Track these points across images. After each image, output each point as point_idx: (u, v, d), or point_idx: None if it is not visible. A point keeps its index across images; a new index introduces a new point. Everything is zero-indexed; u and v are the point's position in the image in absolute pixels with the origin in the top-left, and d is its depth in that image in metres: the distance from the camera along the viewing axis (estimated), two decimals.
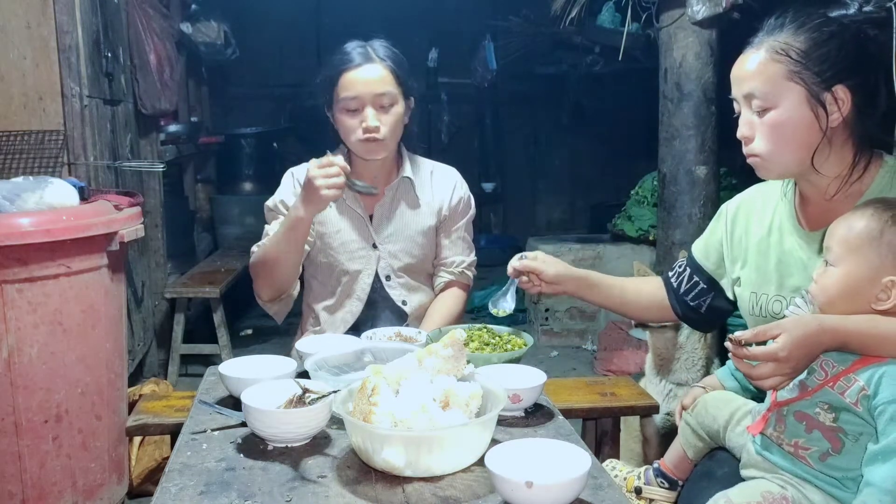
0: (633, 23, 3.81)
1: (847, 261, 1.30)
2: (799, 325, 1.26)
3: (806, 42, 1.38)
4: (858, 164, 1.43)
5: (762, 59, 1.40)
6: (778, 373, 1.26)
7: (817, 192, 1.48)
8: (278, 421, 1.34)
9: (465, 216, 2.17)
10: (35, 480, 2.21)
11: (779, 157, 1.42)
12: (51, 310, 2.18)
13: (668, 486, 1.69)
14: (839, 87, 1.37)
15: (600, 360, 4.17)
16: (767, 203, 1.61)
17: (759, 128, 1.42)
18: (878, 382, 1.23)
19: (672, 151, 3.46)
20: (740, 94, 1.45)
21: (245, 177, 6.15)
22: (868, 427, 1.26)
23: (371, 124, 1.94)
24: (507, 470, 1.13)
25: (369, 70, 1.95)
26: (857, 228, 1.30)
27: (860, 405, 1.26)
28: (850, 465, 1.29)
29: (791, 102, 1.38)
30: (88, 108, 3.01)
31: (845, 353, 1.29)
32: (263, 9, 6.43)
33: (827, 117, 1.38)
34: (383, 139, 1.97)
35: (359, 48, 1.99)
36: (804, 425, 1.33)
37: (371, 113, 1.95)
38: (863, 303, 1.29)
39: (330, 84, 1.98)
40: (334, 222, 2.08)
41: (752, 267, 1.59)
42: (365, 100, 1.95)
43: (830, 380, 1.29)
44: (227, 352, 4.01)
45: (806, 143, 1.40)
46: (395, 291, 2.10)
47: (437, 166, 2.18)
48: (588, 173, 7.39)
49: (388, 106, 1.97)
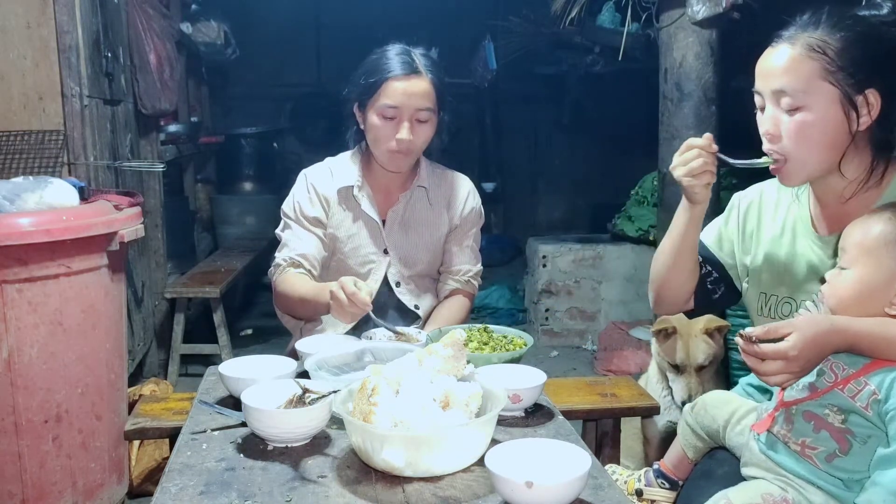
0: (633, 23, 3.82)
1: (862, 264, 1.29)
2: (811, 324, 1.26)
3: (842, 41, 1.34)
4: (877, 168, 1.42)
5: (796, 55, 1.36)
6: (786, 371, 1.26)
7: (833, 196, 1.46)
8: (278, 421, 1.34)
9: (475, 226, 2.17)
10: (35, 480, 2.21)
11: (806, 158, 1.39)
12: (51, 310, 2.18)
13: (669, 486, 1.69)
14: (871, 91, 1.35)
15: (600, 360, 4.17)
16: (781, 202, 1.59)
17: (786, 126, 1.38)
18: (890, 387, 1.23)
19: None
20: (768, 90, 1.39)
21: (245, 177, 6.15)
22: (877, 430, 1.25)
23: (405, 137, 1.93)
24: (507, 470, 1.13)
25: (415, 84, 1.93)
26: (873, 232, 1.29)
27: (871, 409, 1.25)
28: (856, 467, 1.28)
29: (823, 103, 1.35)
30: (88, 108, 3.01)
31: (855, 356, 1.28)
32: (263, 9, 6.43)
33: (858, 120, 1.36)
34: (412, 152, 1.97)
35: (405, 56, 1.96)
36: (812, 425, 1.33)
37: (407, 127, 1.93)
38: (876, 307, 1.28)
39: (371, 88, 1.95)
40: (347, 227, 2.07)
41: (763, 267, 1.57)
42: (404, 112, 1.93)
43: (840, 382, 1.28)
44: (227, 352, 4.01)
45: (834, 145, 1.38)
46: (405, 297, 2.10)
47: (452, 175, 2.18)
48: (588, 173, 7.39)
49: (424, 121, 1.96)
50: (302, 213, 2.06)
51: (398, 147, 1.94)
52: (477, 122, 7.40)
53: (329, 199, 2.07)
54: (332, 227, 2.07)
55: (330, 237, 2.07)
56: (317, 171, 2.11)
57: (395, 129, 1.93)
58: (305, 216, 2.06)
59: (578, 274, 4.67)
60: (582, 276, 4.67)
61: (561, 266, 4.67)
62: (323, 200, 2.06)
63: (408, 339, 1.78)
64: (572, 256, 4.66)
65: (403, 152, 1.95)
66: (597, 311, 4.69)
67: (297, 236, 2.06)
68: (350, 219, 2.07)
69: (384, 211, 2.08)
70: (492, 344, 1.74)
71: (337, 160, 2.13)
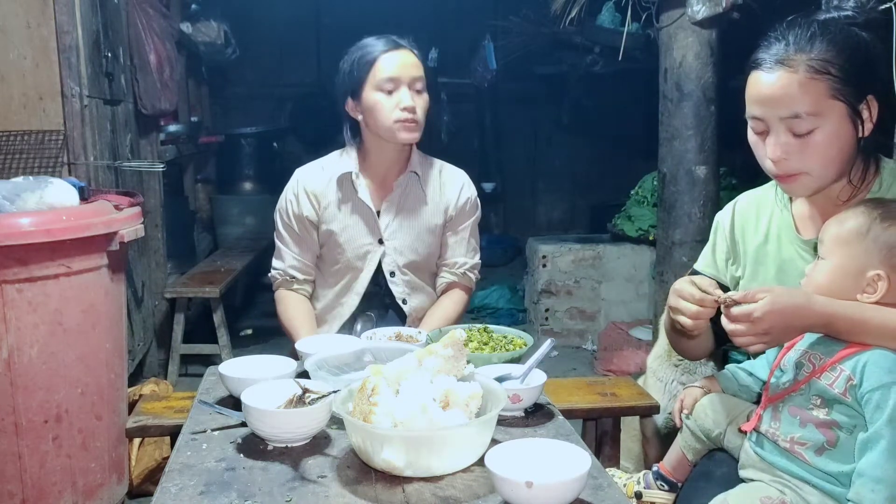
0: (633, 23, 3.81)
1: (836, 254, 1.35)
2: (786, 293, 1.30)
3: (841, 56, 1.35)
4: (870, 168, 1.44)
5: (801, 79, 1.34)
6: (750, 332, 1.29)
7: (828, 200, 1.47)
8: (278, 421, 1.35)
9: (470, 217, 2.17)
10: (35, 480, 2.21)
11: (824, 173, 1.40)
12: (51, 310, 2.18)
13: (668, 488, 1.69)
14: (870, 97, 1.37)
15: (600, 360, 4.17)
16: (762, 211, 1.60)
17: (798, 148, 1.37)
18: (863, 371, 1.27)
19: (672, 151, 3.45)
20: (774, 117, 1.37)
21: (245, 177, 6.15)
22: (861, 419, 1.28)
23: (409, 104, 1.97)
24: (507, 470, 1.13)
25: (405, 55, 2.01)
26: (847, 225, 1.35)
27: (849, 395, 1.28)
28: (845, 460, 1.30)
29: (834, 120, 1.36)
30: (88, 108, 3.01)
31: (831, 345, 1.32)
32: (263, 9, 6.43)
33: (863, 127, 1.38)
34: (418, 121, 2.01)
35: (387, 37, 2.03)
36: (798, 420, 1.35)
37: (408, 94, 1.98)
38: (849, 294, 1.33)
39: (364, 69, 2.00)
40: (342, 219, 2.09)
41: (750, 276, 1.59)
42: (402, 80, 1.98)
43: (818, 371, 1.32)
44: (227, 352, 4.01)
45: (847, 156, 1.40)
46: (398, 288, 2.11)
47: (445, 166, 2.19)
48: (588, 173, 7.38)
49: (421, 91, 2.01)
50: (293, 213, 2.10)
51: (404, 115, 1.98)
52: (477, 122, 7.40)
53: (320, 196, 2.09)
54: (325, 223, 2.09)
55: (324, 233, 2.09)
56: (308, 169, 2.15)
57: (398, 100, 1.98)
58: (296, 216, 2.10)
59: (578, 274, 4.67)
60: (582, 276, 4.67)
61: (561, 266, 4.67)
62: (313, 198, 2.09)
63: (408, 339, 1.78)
64: (572, 256, 4.66)
65: (411, 120, 1.99)
66: (597, 311, 4.69)
67: (289, 246, 2.12)
68: (345, 209, 2.09)
69: (379, 201, 2.10)
70: (492, 344, 1.74)
71: (329, 157, 2.16)
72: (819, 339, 1.36)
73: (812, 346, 1.36)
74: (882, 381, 1.24)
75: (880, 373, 1.25)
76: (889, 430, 1.23)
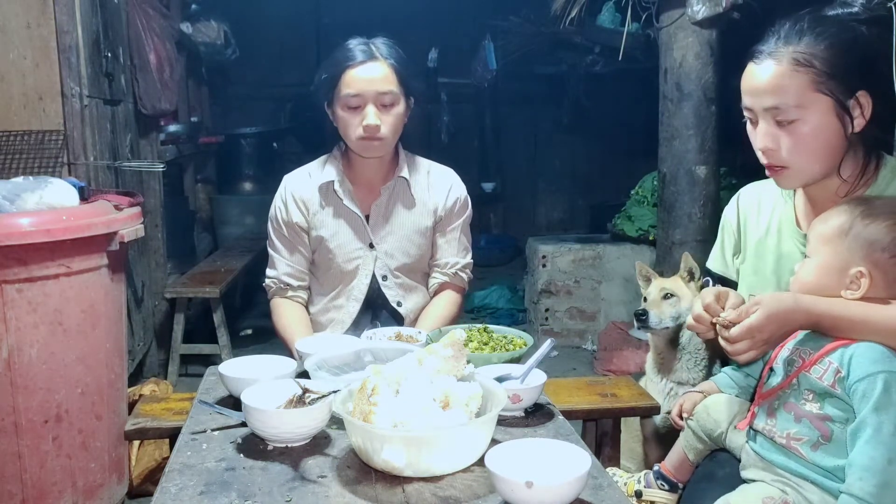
0: (633, 23, 3.81)
1: (821, 252, 1.37)
2: (775, 300, 1.32)
3: (828, 51, 1.35)
4: (869, 165, 1.45)
5: (784, 70, 1.37)
6: (753, 347, 1.31)
7: (826, 195, 1.47)
8: (278, 421, 1.34)
9: (460, 217, 2.16)
10: (35, 480, 2.21)
11: (808, 166, 1.41)
12: (51, 310, 2.18)
13: (669, 488, 1.69)
14: (861, 94, 1.37)
15: (600, 360, 4.17)
16: (764, 204, 1.60)
17: (784, 139, 1.39)
18: (850, 363, 1.29)
19: (672, 151, 3.46)
20: (759, 107, 1.40)
21: (245, 177, 6.15)
22: (852, 412, 1.30)
23: (372, 122, 1.94)
24: (507, 470, 1.13)
25: (372, 68, 1.95)
26: (831, 223, 1.36)
27: (837, 387, 1.30)
28: (839, 454, 1.31)
29: (818, 113, 1.37)
30: (88, 108, 3.01)
31: (820, 340, 1.34)
32: (263, 9, 6.43)
33: (852, 123, 1.38)
34: (383, 138, 1.97)
35: (362, 45, 1.99)
36: (793, 415, 1.36)
37: (372, 111, 1.94)
38: (834, 291, 1.35)
39: (332, 80, 1.98)
40: (331, 225, 2.08)
41: (750, 268, 1.59)
42: (367, 98, 1.94)
43: (807, 364, 1.34)
44: (227, 352, 4.01)
45: (834, 151, 1.40)
46: (391, 292, 2.10)
47: (433, 166, 2.18)
48: (588, 173, 7.39)
49: (389, 105, 1.96)
50: (282, 220, 2.10)
51: (366, 133, 1.95)
52: (477, 123, 7.40)
53: (308, 202, 2.08)
54: (315, 228, 2.08)
55: (315, 239, 2.09)
56: (295, 176, 2.14)
57: (362, 117, 1.95)
58: (286, 222, 2.09)
59: (578, 274, 4.67)
60: (582, 276, 4.67)
61: (561, 266, 4.67)
62: (301, 205, 2.09)
63: (408, 339, 1.78)
64: (572, 256, 4.66)
65: (372, 138, 1.96)
66: (596, 311, 4.69)
67: (281, 253, 2.12)
68: (333, 216, 2.08)
69: (367, 206, 2.09)
70: (492, 344, 1.74)
71: (315, 163, 2.15)
72: (808, 334, 1.38)
73: (801, 343, 1.38)
74: (868, 371, 1.27)
75: (866, 363, 1.27)
76: (874, 417, 1.25)
